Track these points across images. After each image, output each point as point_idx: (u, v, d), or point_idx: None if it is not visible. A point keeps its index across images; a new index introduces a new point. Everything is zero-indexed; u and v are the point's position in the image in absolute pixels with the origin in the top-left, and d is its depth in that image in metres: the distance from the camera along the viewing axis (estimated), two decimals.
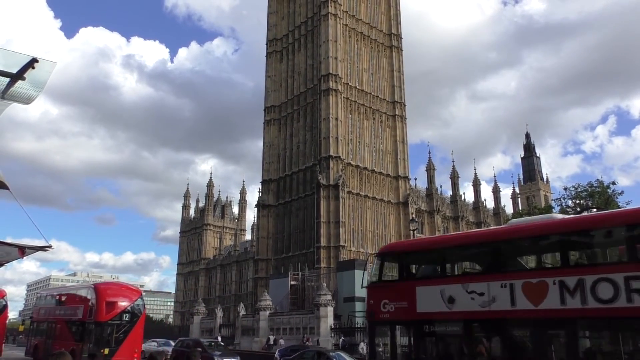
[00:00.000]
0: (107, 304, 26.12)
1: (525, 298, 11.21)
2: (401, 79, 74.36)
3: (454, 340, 13.34)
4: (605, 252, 12.06)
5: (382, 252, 15.85)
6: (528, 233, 12.93)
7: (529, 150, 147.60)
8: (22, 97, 6.63)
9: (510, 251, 12.92)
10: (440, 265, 14.21)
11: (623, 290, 9.77)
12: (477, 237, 15.84)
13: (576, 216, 14.28)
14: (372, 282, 14.91)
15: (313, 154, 66.57)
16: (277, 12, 78.12)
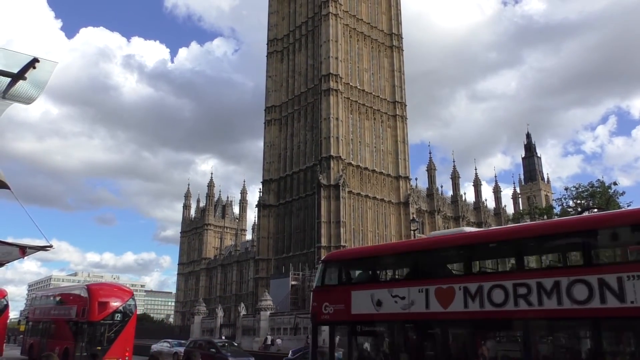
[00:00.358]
0: (100, 304, 26.86)
1: (437, 301, 12.75)
2: (402, 79, 74.35)
3: (381, 338, 14.99)
4: (497, 262, 13.88)
5: (325, 260, 17.31)
6: (439, 245, 14.87)
7: (530, 150, 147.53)
8: (23, 97, 6.64)
9: (425, 260, 14.54)
10: (372, 272, 15.85)
11: (512, 295, 11.38)
12: (400, 248, 18.48)
13: (476, 230, 15.92)
14: (316, 287, 16.63)
15: (314, 154, 66.57)
16: (278, 12, 78.12)
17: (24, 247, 8.06)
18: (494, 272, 13.38)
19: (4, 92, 6.43)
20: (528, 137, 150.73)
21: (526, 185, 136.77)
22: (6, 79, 6.33)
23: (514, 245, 12.69)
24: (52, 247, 7.92)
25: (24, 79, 6.28)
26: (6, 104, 6.71)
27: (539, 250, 12.76)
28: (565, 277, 10.74)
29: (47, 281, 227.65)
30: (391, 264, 15.94)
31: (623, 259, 11.56)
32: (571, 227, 12.67)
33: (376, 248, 25.84)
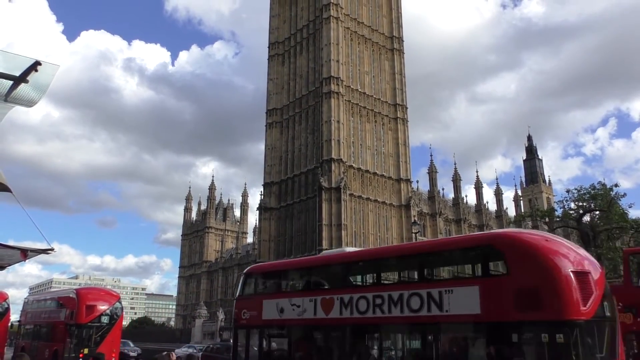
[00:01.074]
0: (87, 307, 28.12)
1: (322, 309, 15.57)
2: (403, 81, 74.39)
3: (283, 339, 17.69)
4: (364, 277, 16.66)
5: (244, 273, 20.14)
6: (324, 262, 18.24)
7: (531, 152, 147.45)
8: (24, 100, 6.63)
9: (314, 275, 17.71)
10: (278, 285, 18.94)
11: (371, 304, 14.10)
12: (298, 264, 21.74)
13: (352, 251, 19.52)
14: (237, 296, 19.77)
15: (315, 156, 66.56)
16: (279, 16, 78.26)
17: (25, 250, 8.04)
18: (360, 285, 16.21)
19: (6, 95, 6.43)
20: (529, 139, 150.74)
21: (527, 188, 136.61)
22: (8, 82, 6.33)
23: (374, 264, 16.17)
24: (54, 250, 7.90)
25: (25, 82, 6.27)
26: (8, 107, 6.71)
27: (390, 268, 15.85)
28: (407, 290, 13.57)
29: (48, 284, 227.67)
30: (291, 278, 18.99)
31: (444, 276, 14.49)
32: (410, 251, 17.13)
33: (282, 263, 29.04)
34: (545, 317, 10.80)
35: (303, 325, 16.49)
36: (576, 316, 10.54)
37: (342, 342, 15.60)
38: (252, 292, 19.23)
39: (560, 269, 11.10)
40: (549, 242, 12.14)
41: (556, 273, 11.07)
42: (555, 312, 10.70)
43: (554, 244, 12.12)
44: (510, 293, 11.49)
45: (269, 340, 18.24)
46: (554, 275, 11.05)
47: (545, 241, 12.12)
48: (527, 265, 11.55)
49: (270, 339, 18.25)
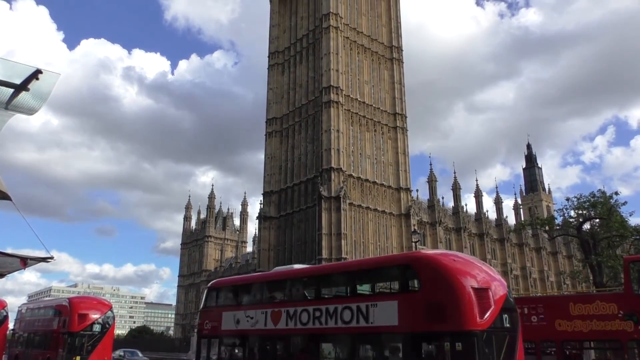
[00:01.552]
0: (79, 316, 28.97)
1: (271, 321, 17.37)
2: (402, 90, 74.63)
3: (239, 348, 19.29)
4: (306, 292, 17.76)
5: (208, 287, 22.19)
6: (273, 278, 20.27)
7: (531, 160, 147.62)
8: (25, 108, 6.66)
9: (265, 289, 19.47)
10: (235, 298, 20.73)
11: (312, 316, 15.92)
12: (252, 279, 23.63)
13: (299, 268, 20.51)
14: (201, 308, 21.82)
15: (314, 165, 66.60)
16: (279, 25, 78.68)
17: (24, 259, 8.04)
18: (302, 299, 17.36)
19: (7, 103, 6.46)
20: (529, 147, 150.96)
21: (527, 196, 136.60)
22: (9, 90, 6.36)
23: (314, 280, 17.83)
24: (53, 259, 7.90)
25: (26, 90, 6.31)
26: (8, 115, 6.74)
27: (328, 284, 17.52)
28: (340, 304, 15.27)
29: (47, 292, 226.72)
30: (247, 292, 20.64)
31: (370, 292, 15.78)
32: (343, 269, 19.07)
33: (239, 278, 31.07)
34: (448, 328, 12.29)
35: (256, 335, 18.15)
36: (473, 327, 11.98)
37: (288, 350, 17.28)
38: (214, 305, 21.08)
39: (462, 286, 12.59)
40: (456, 262, 13.77)
41: (458, 289, 12.58)
42: (456, 324, 12.15)
43: (460, 263, 13.74)
44: (421, 306, 13.08)
45: (227, 349, 20.08)
46: (456, 291, 12.57)
47: (453, 261, 13.76)
48: (435, 282, 13.14)
49: (229, 348, 20.01)
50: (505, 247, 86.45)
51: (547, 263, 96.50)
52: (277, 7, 79.88)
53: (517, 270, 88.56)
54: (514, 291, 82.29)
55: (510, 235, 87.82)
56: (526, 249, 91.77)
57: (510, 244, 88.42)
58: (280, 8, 79.88)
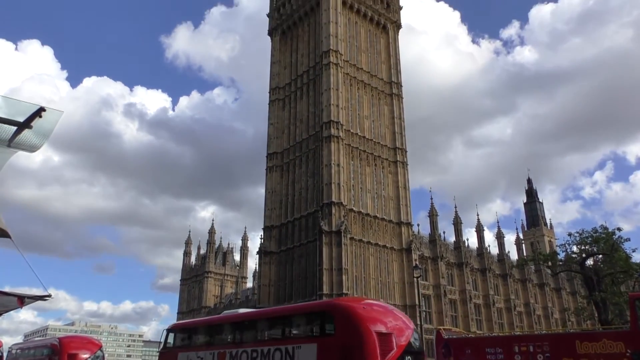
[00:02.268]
0: (70, 356, 29.31)
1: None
2: (402, 125, 75.25)
3: None
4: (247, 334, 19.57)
5: (166, 329, 24.19)
6: (220, 322, 22.38)
7: (532, 195, 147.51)
8: (27, 146, 6.67)
9: (214, 332, 21.60)
10: (189, 339, 22.98)
11: (250, 357, 17.76)
12: (203, 323, 26.20)
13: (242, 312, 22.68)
14: (160, 349, 23.81)
15: (315, 200, 66.54)
16: (280, 62, 79.99)
17: (22, 297, 7.91)
18: (243, 342, 19.05)
19: (9, 141, 6.47)
20: (529, 182, 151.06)
21: (529, 231, 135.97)
22: (12, 128, 6.38)
23: (252, 324, 19.70)
24: (51, 297, 7.78)
25: (30, 128, 6.33)
26: (11, 152, 6.74)
27: (264, 328, 19.22)
28: (272, 346, 17.15)
29: (43, 331, 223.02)
30: (198, 334, 22.80)
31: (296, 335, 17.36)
32: (274, 314, 20.85)
33: (193, 322, 32.60)
34: None
35: None
36: None
37: None
38: (171, 346, 23.12)
39: (368, 331, 14.38)
40: (366, 309, 15.67)
41: (365, 334, 14.35)
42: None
43: (369, 311, 15.64)
44: (336, 349, 14.79)
45: None
46: (363, 336, 14.35)
47: (363, 309, 15.58)
48: (347, 328, 14.89)
49: None
50: (508, 282, 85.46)
51: (550, 299, 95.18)
52: (278, 45, 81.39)
53: (520, 306, 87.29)
54: (518, 328, 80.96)
55: (513, 271, 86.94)
56: (529, 284, 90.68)
57: (513, 280, 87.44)
58: (281, 45, 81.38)
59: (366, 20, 78.69)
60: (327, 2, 73.13)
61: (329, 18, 72.21)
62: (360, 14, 77.95)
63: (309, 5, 77.56)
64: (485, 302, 80.00)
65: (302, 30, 79.20)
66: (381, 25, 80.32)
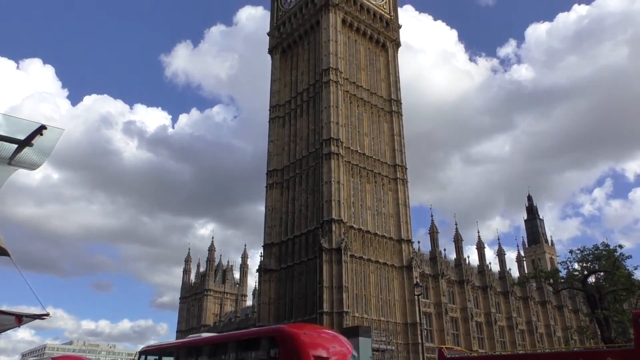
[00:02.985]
0: None
1: None
2: (402, 142, 75.48)
3: None
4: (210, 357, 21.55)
5: (139, 352, 26.44)
6: (184, 345, 24.31)
7: (532, 212, 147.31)
8: (28, 163, 6.67)
9: (180, 355, 23.45)
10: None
11: None
12: (170, 346, 27.65)
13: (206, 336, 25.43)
14: None
15: (315, 217, 66.43)
16: (280, 80, 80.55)
17: (20, 316, 7.84)
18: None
19: (10, 159, 6.47)
20: (529, 199, 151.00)
21: (530, 248, 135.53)
22: (12, 146, 6.39)
23: (211, 348, 21.32)
24: (49, 316, 7.72)
25: (30, 146, 6.34)
26: (11, 170, 6.74)
27: (223, 351, 20.77)
28: None
29: (41, 350, 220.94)
30: (167, 356, 24.71)
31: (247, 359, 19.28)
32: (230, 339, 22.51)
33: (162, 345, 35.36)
34: None
35: None
36: None
37: None
38: None
39: (307, 355, 15.81)
40: (307, 335, 17.08)
41: (304, 357, 15.81)
42: None
43: (310, 337, 17.07)
44: None
45: None
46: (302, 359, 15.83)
47: (304, 334, 17.01)
48: (289, 352, 16.40)
49: None
50: (509, 300, 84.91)
51: (553, 317, 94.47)
52: (279, 63, 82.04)
53: (522, 324, 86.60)
54: (520, 346, 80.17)
55: (515, 289, 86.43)
56: (531, 302, 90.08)
57: (514, 298, 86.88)
58: (281, 63, 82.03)
59: (365, 38, 79.43)
60: (327, 20, 73.92)
61: (328, 36, 72.92)
62: (359, 32, 78.71)
63: (309, 24, 78.36)
64: (486, 320, 79.39)
65: (302, 49, 79.89)
66: (380, 43, 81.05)
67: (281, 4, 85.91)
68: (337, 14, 74.88)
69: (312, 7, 78.13)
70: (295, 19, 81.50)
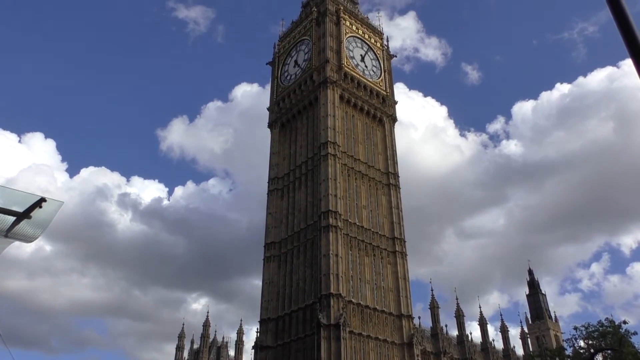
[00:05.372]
0: None
1: None
2: (400, 215, 75.52)
3: None
4: None
5: None
6: None
7: (534, 287, 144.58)
8: (24, 236, 6.59)
9: None
10: None
11: None
12: None
13: None
14: None
15: (313, 291, 65.10)
16: (279, 153, 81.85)
17: None
18: None
19: (7, 231, 6.40)
20: (530, 273, 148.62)
21: (534, 324, 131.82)
22: (10, 218, 6.35)
23: None
24: None
25: (29, 218, 6.30)
26: (7, 243, 6.65)
27: None
28: None
29: None
30: None
31: None
32: None
33: None
34: None
35: None
36: None
37: None
38: None
39: None
40: None
41: None
42: None
43: None
44: None
45: None
46: None
47: None
48: None
49: None
50: None
51: None
52: (278, 137, 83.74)
53: None
54: None
55: None
56: None
57: None
58: (280, 137, 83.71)
59: (363, 113, 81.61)
60: (326, 96, 76.25)
61: (327, 111, 74.91)
62: (357, 107, 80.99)
63: (308, 100, 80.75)
64: None
65: (301, 123, 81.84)
66: (377, 118, 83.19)
67: (281, 81, 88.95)
68: (335, 91, 77.40)
69: (311, 84, 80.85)
70: (295, 95, 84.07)
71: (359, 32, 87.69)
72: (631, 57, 5.02)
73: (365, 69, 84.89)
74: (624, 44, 5.10)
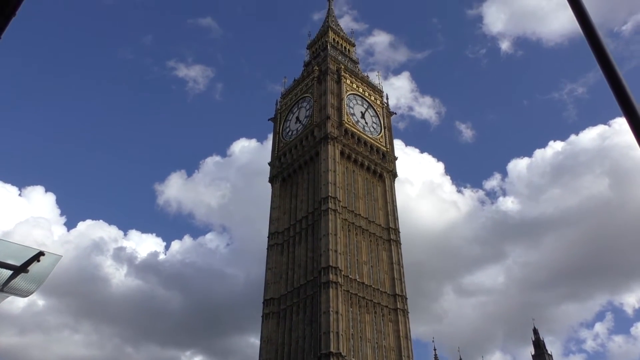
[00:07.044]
0: None
1: None
2: (401, 272, 74.51)
3: None
4: None
5: None
6: None
7: (539, 347, 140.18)
8: (21, 290, 6.51)
9: None
10: None
11: None
12: None
13: None
14: None
15: (313, 349, 63.30)
16: (280, 207, 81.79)
17: None
18: None
19: (3, 285, 6.33)
20: (535, 332, 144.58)
21: None
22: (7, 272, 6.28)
23: None
24: None
25: (26, 272, 6.24)
26: (3, 297, 6.56)
27: None
28: None
29: None
30: None
31: None
32: None
33: None
34: None
35: None
36: None
37: None
38: None
39: None
40: None
41: None
42: None
43: None
44: None
45: None
46: None
47: None
48: None
49: None
50: None
51: None
52: (278, 191, 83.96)
53: None
54: None
55: None
56: None
57: None
58: (281, 192, 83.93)
59: (363, 169, 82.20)
60: (326, 152, 77.06)
61: (327, 167, 75.48)
62: (357, 163, 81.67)
63: (309, 155, 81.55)
64: None
65: (302, 178, 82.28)
66: (377, 173, 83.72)
67: (282, 136, 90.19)
68: (335, 146, 78.32)
69: (312, 140, 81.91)
70: (296, 150, 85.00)
71: (359, 89, 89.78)
72: (625, 116, 5.12)
73: (366, 126, 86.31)
74: (617, 103, 5.23)
